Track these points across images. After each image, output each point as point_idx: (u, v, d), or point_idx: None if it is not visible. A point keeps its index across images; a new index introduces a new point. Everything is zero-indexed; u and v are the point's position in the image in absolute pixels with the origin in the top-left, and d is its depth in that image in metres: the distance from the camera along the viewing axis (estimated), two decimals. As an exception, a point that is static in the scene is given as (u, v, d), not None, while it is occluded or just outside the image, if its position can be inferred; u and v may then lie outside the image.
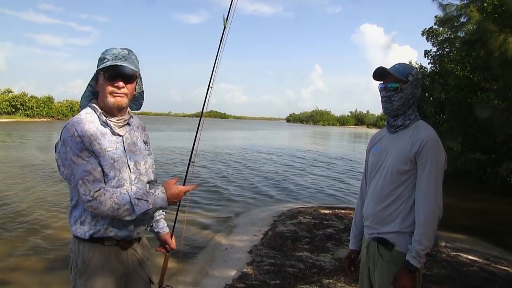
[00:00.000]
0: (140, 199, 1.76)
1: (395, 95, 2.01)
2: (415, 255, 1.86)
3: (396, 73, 2.01)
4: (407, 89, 2.01)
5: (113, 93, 1.82)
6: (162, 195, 1.80)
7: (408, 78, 2.01)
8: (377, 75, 2.09)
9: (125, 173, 1.85)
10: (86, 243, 1.84)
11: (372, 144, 2.24)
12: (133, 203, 1.74)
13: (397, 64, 2.07)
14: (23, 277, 4.62)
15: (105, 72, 1.82)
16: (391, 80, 2.03)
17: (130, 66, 1.82)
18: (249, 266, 4.91)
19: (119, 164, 1.83)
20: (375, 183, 2.10)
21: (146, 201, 1.76)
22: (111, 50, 1.86)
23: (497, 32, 8.78)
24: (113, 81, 1.82)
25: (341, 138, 54.41)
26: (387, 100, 2.05)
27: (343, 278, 4.50)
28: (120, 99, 1.84)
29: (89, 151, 1.76)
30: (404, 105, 2.02)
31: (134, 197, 1.75)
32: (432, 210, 1.88)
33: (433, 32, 17.97)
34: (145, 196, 1.77)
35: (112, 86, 1.82)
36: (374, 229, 2.07)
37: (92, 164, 1.75)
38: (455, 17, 12.36)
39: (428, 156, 1.91)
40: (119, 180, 1.82)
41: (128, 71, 1.83)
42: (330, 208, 8.97)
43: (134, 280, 1.97)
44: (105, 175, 1.80)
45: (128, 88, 1.86)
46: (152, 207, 1.77)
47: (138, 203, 1.75)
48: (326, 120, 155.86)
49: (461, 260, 5.71)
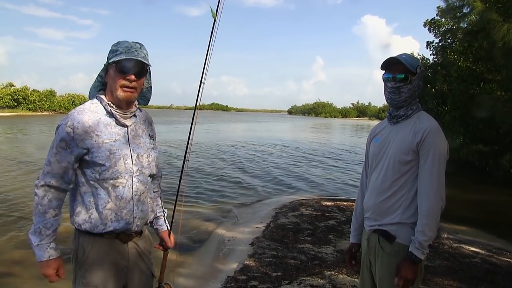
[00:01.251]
0: (39, 232, 1.77)
1: (404, 86, 1.98)
2: (418, 246, 1.85)
3: (407, 63, 1.97)
4: (416, 81, 2.00)
5: (124, 86, 1.82)
6: (44, 252, 1.77)
7: (417, 70, 1.99)
8: (385, 64, 2.06)
9: (121, 166, 1.84)
10: (86, 235, 1.85)
11: (372, 135, 2.21)
12: (36, 227, 1.77)
13: (404, 55, 2.03)
14: (24, 270, 4.63)
15: (117, 64, 1.81)
16: (400, 71, 1.99)
17: (143, 60, 1.82)
18: (251, 258, 4.92)
19: (115, 156, 1.83)
20: (376, 174, 2.08)
21: (39, 238, 1.77)
22: (124, 42, 1.85)
23: (500, 22, 8.70)
24: (124, 74, 1.81)
25: (343, 130, 54.29)
26: (395, 91, 2.00)
27: (345, 270, 4.50)
28: (130, 94, 1.84)
29: (67, 144, 1.77)
30: (411, 97, 2.01)
31: (41, 225, 1.76)
32: (435, 201, 1.86)
33: (435, 23, 17.80)
34: (44, 235, 1.77)
35: (124, 79, 1.81)
36: (375, 221, 2.05)
37: (58, 157, 1.78)
38: (458, 8, 12.24)
39: (431, 146, 1.88)
40: (113, 173, 1.82)
41: (140, 65, 1.83)
42: (332, 200, 8.98)
43: (135, 273, 1.97)
44: (100, 165, 1.80)
45: (138, 82, 1.86)
46: (33, 245, 1.78)
47: (36, 232, 1.77)
48: (328, 112, 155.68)
49: (463, 251, 5.71)
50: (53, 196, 1.79)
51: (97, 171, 1.81)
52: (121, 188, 1.84)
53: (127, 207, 1.86)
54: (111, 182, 1.82)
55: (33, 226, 1.78)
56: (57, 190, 1.80)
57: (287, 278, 4.26)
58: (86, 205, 1.83)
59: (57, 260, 1.79)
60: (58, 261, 1.79)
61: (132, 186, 1.87)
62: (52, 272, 1.78)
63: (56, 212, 1.80)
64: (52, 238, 1.79)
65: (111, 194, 1.83)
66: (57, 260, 1.79)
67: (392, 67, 2.03)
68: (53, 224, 1.79)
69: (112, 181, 1.82)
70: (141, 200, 1.92)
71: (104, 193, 1.82)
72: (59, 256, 1.80)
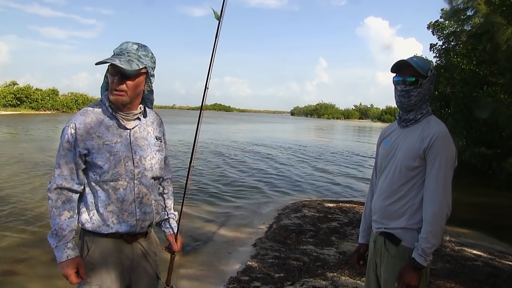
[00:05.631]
0: (56, 234, 1.79)
1: (414, 90, 1.96)
2: (421, 253, 1.83)
3: (417, 67, 1.94)
4: (426, 84, 1.97)
5: (113, 90, 1.82)
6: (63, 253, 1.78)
7: (428, 73, 1.96)
8: (395, 67, 2.03)
9: (121, 168, 1.85)
10: (90, 235, 1.87)
11: (382, 137, 2.20)
12: (53, 230, 1.80)
13: (415, 58, 2.01)
14: (29, 268, 4.66)
15: (109, 67, 1.83)
16: (410, 74, 1.96)
17: (119, 64, 1.74)
18: (253, 259, 4.93)
19: (116, 158, 1.84)
20: (384, 177, 2.08)
21: (56, 239, 1.79)
22: (122, 45, 1.85)
23: (504, 25, 8.67)
24: (112, 77, 1.81)
25: (345, 132, 54.22)
26: (405, 95, 1.98)
27: (347, 271, 4.51)
28: (118, 97, 1.82)
29: (72, 145, 1.80)
30: (420, 101, 1.98)
31: (57, 227, 1.79)
32: (440, 208, 1.84)
33: (439, 26, 17.76)
34: (61, 236, 1.79)
35: (112, 83, 1.82)
36: (381, 224, 2.06)
37: (65, 158, 1.81)
38: (462, 10, 12.18)
39: (438, 152, 1.87)
40: (113, 175, 1.83)
41: (119, 69, 1.77)
42: (334, 201, 8.98)
43: (138, 274, 1.97)
44: (99, 167, 1.82)
45: (128, 85, 1.81)
46: (52, 247, 1.80)
47: (53, 234, 1.79)
48: (331, 113, 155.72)
49: (466, 254, 5.70)
50: (66, 198, 1.82)
51: (97, 172, 1.83)
52: (122, 191, 1.85)
53: (128, 210, 1.87)
54: (112, 184, 1.83)
55: (51, 230, 1.80)
56: (69, 191, 1.82)
57: (290, 279, 4.27)
58: (88, 206, 1.85)
59: (75, 260, 1.79)
60: (76, 261, 1.80)
61: (133, 188, 1.88)
62: (72, 272, 1.78)
63: (71, 213, 1.82)
64: (69, 238, 1.80)
65: (112, 196, 1.84)
66: (76, 259, 1.80)
67: (402, 70, 2.00)
68: (69, 225, 1.80)
69: (112, 183, 1.83)
70: (144, 202, 1.92)
71: (104, 195, 1.84)
72: (77, 256, 1.81)
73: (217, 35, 2.28)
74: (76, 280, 1.80)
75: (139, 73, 1.83)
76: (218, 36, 2.27)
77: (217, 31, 2.27)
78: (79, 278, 1.81)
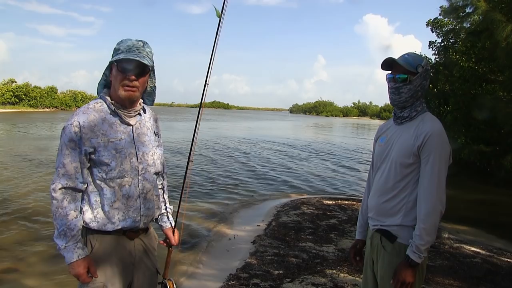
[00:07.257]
0: (64, 235, 1.76)
1: (403, 86, 1.96)
2: (415, 250, 1.84)
3: (406, 64, 1.94)
4: (416, 81, 1.96)
5: (125, 86, 1.82)
6: (73, 253, 1.76)
7: (418, 69, 1.95)
8: (386, 65, 2.02)
9: (127, 165, 1.86)
10: (93, 232, 1.87)
11: (379, 134, 2.20)
12: (60, 230, 1.76)
13: (406, 54, 2.00)
14: (31, 265, 4.66)
15: (118, 64, 1.81)
16: (400, 71, 1.96)
17: (142, 60, 1.80)
18: (252, 256, 4.94)
19: (121, 155, 1.84)
20: (379, 174, 2.08)
21: (65, 240, 1.76)
22: (126, 41, 1.85)
23: (504, 22, 8.66)
24: (125, 74, 1.81)
25: (344, 129, 54.23)
26: (395, 92, 1.99)
27: (346, 268, 4.52)
28: (131, 93, 1.84)
29: (76, 144, 1.77)
30: (412, 97, 1.97)
31: (65, 228, 1.76)
32: (434, 205, 1.85)
33: (438, 23, 17.78)
34: (70, 236, 1.76)
35: (124, 79, 1.81)
36: (377, 221, 2.07)
37: (70, 157, 1.78)
38: (461, 7, 12.17)
39: (432, 150, 1.86)
40: (120, 172, 1.84)
41: (139, 65, 1.81)
42: (333, 199, 9.00)
43: (140, 269, 1.99)
44: (106, 165, 1.82)
45: (140, 81, 1.85)
46: (61, 248, 1.76)
47: (60, 235, 1.76)
48: (329, 111, 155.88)
49: (464, 251, 5.72)
50: (71, 197, 1.80)
51: (104, 170, 1.82)
52: (127, 187, 1.86)
53: (134, 206, 1.88)
54: (118, 181, 1.84)
55: (56, 231, 1.77)
56: (74, 190, 1.81)
57: (289, 276, 4.29)
58: (92, 205, 1.84)
59: (86, 259, 1.78)
60: (87, 260, 1.79)
61: (138, 184, 1.89)
62: (84, 271, 1.77)
63: (76, 213, 1.80)
64: (78, 238, 1.79)
65: (118, 193, 1.84)
66: (86, 259, 1.78)
67: (394, 67, 2.00)
68: (76, 225, 1.78)
69: (119, 180, 1.84)
70: (148, 198, 1.94)
71: (110, 192, 1.84)
72: (87, 255, 1.80)
73: (218, 33, 2.27)
74: (88, 279, 1.79)
75: (149, 69, 1.90)
76: (218, 34, 2.27)
77: (218, 28, 2.26)
78: (91, 277, 1.79)
